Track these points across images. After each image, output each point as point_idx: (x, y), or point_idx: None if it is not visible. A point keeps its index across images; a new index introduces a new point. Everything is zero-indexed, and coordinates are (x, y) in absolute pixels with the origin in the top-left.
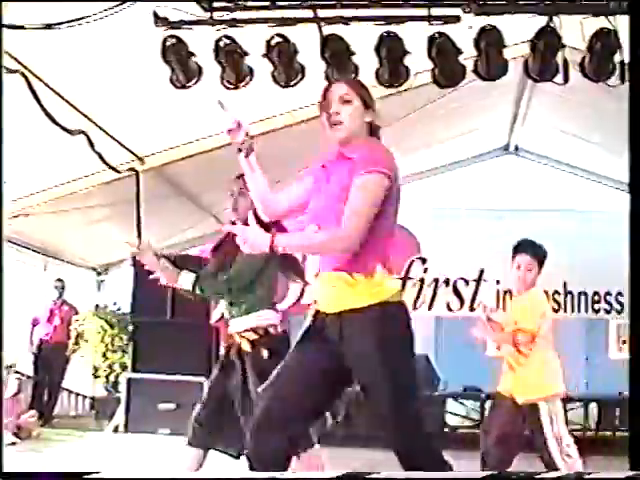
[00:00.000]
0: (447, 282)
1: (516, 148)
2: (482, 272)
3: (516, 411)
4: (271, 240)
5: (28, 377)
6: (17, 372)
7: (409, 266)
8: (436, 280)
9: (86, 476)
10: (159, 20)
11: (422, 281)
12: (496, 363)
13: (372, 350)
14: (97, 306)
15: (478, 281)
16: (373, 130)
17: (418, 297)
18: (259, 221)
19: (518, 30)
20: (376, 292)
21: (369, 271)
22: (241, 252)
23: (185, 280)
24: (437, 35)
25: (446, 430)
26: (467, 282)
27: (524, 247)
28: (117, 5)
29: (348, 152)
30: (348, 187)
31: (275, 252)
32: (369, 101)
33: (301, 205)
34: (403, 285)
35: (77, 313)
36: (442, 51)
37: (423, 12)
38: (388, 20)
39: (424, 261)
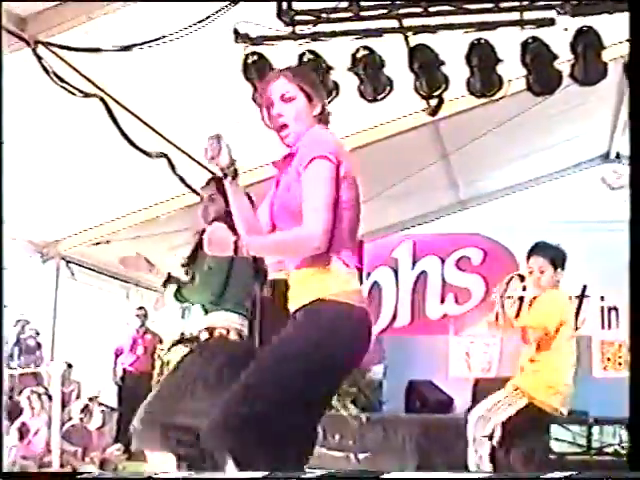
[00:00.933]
0: None
1: (617, 156)
2: (585, 288)
3: None
4: (235, 240)
5: (112, 409)
6: (101, 404)
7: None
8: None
9: (81, 476)
10: (240, 37)
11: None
12: (604, 386)
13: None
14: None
15: (581, 297)
16: (323, 121)
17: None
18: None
19: (617, 29)
20: (325, 287)
21: (324, 264)
22: (212, 257)
23: (168, 293)
24: (530, 40)
25: (552, 457)
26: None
27: (535, 249)
28: (196, 23)
29: (293, 149)
30: (294, 183)
31: (239, 254)
32: (315, 92)
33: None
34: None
35: (161, 342)
36: (536, 57)
37: (515, 16)
38: (478, 27)
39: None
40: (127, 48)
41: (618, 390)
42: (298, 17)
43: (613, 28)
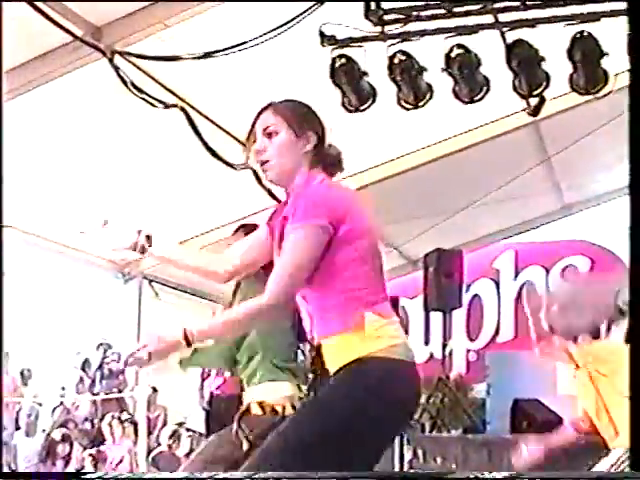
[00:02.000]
0: None
1: None
2: None
3: None
4: (184, 333)
5: (200, 434)
6: (189, 429)
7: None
8: None
9: (85, 476)
10: (326, 39)
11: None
12: None
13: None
14: None
15: None
16: (320, 159)
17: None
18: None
19: None
20: (368, 345)
21: (358, 325)
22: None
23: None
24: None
25: None
26: None
27: None
28: (279, 26)
29: (289, 200)
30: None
31: (190, 344)
32: (304, 126)
33: (254, 260)
34: None
35: None
36: None
37: (621, 5)
38: (580, 19)
39: None
40: (208, 55)
41: None
42: (387, 16)
43: None
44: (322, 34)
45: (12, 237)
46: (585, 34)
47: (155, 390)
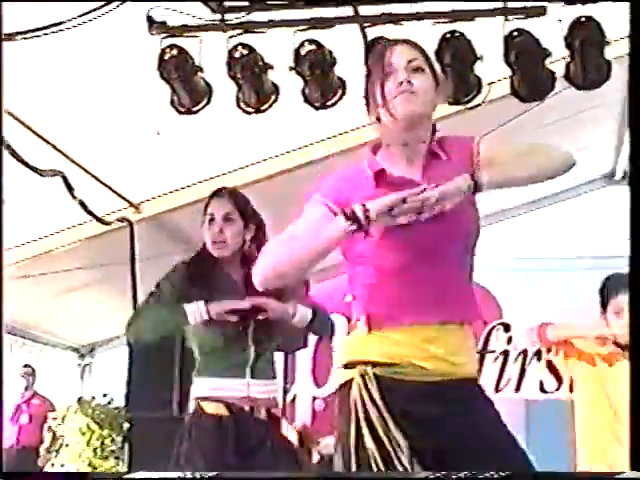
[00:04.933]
0: (539, 355)
1: (624, 176)
2: None
3: None
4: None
5: None
6: None
7: (488, 335)
8: (524, 353)
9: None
10: (154, 26)
11: (506, 355)
12: None
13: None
14: (80, 399)
15: None
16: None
17: (501, 376)
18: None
19: (622, 20)
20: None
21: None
22: None
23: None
24: (516, 33)
25: None
26: None
27: (618, 285)
28: (100, 7)
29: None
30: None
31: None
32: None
33: None
34: (481, 360)
35: (53, 409)
36: (523, 53)
37: (497, 4)
38: (452, 16)
39: (507, 328)
40: (9, 37)
41: None
42: (228, 2)
43: (617, 18)
44: (150, 19)
45: None
46: (456, 35)
47: None
